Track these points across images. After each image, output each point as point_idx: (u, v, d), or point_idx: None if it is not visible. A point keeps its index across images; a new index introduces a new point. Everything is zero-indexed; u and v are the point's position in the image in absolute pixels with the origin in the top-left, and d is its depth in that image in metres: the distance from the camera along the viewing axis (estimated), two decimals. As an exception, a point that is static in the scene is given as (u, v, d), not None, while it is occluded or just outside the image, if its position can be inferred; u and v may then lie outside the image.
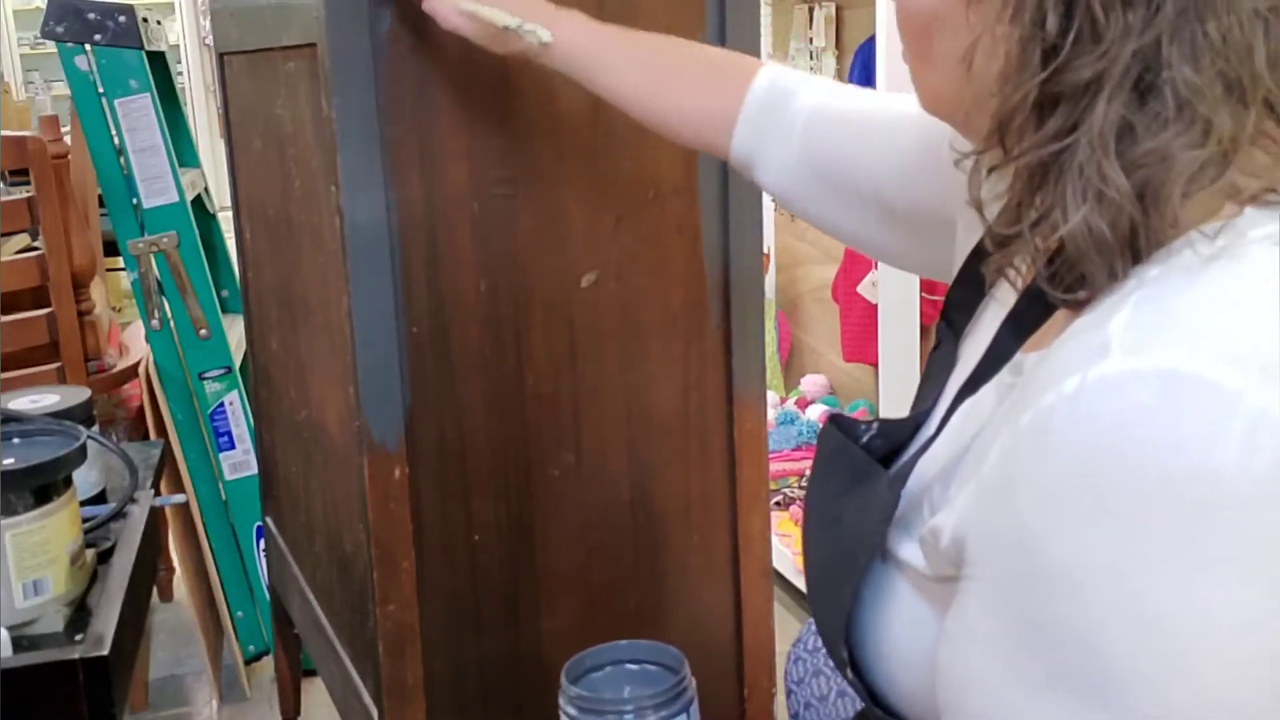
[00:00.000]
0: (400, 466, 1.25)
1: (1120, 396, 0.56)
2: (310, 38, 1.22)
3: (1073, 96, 0.61)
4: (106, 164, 2.14)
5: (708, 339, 1.37)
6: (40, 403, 1.37)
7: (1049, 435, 0.58)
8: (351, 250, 1.19)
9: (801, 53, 3.01)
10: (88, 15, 2.07)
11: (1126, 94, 0.59)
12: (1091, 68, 0.60)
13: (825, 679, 1.16)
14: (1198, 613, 0.55)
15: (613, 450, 1.36)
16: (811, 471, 0.84)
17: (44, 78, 8.26)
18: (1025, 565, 0.59)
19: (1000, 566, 0.61)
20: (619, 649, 0.95)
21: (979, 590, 0.63)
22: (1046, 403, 0.58)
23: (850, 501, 0.77)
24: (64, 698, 1.04)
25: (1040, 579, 0.58)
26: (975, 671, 0.63)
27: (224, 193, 1.95)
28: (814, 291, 3.15)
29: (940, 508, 0.70)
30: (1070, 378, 0.58)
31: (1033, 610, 0.59)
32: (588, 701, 0.87)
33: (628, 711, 0.86)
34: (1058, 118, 0.61)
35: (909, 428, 0.79)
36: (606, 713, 0.86)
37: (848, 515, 0.76)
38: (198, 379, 2.19)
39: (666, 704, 0.87)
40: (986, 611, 0.62)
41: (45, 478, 1.09)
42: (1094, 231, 0.61)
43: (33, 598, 1.09)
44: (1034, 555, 0.58)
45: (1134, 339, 0.58)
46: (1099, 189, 0.60)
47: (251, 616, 2.29)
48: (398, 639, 1.28)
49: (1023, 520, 0.59)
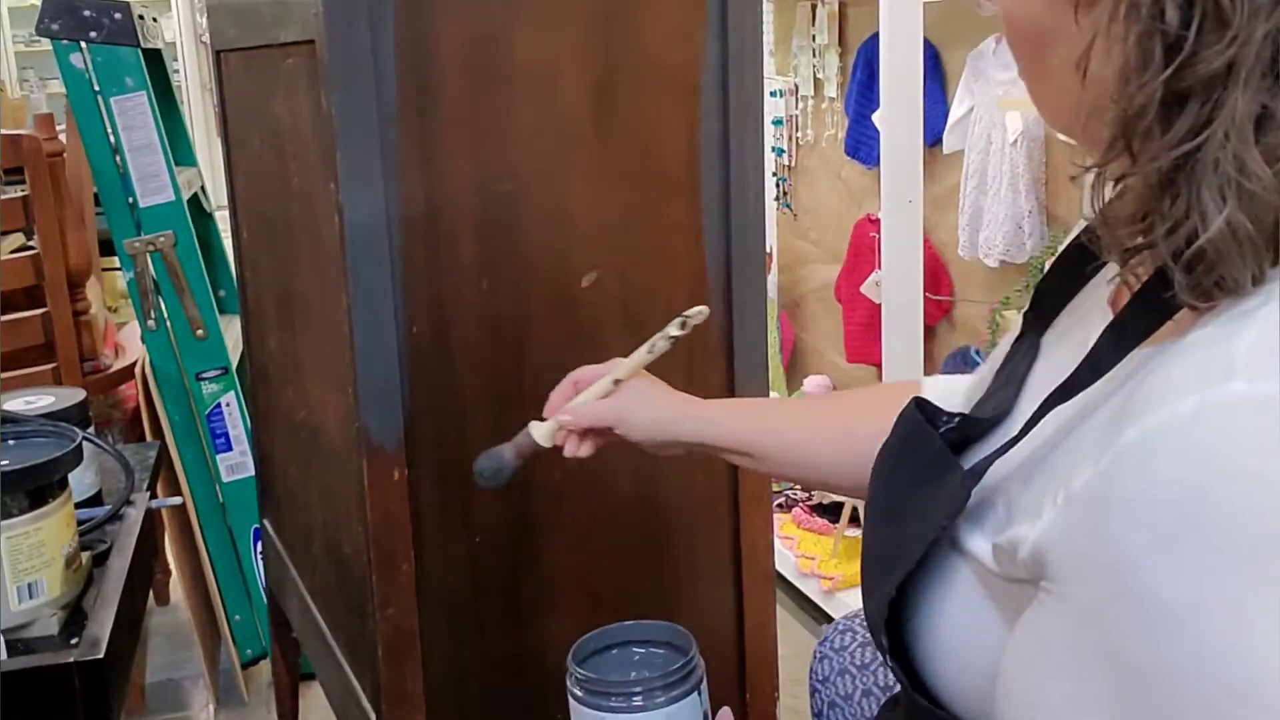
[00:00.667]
0: (400, 468, 1.24)
1: (1239, 426, 0.53)
2: (309, 34, 1.20)
3: (1203, 90, 0.57)
4: (102, 162, 2.13)
5: (709, 339, 1.36)
6: (35, 404, 1.36)
7: (1157, 458, 0.55)
8: (351, 249, 1.18)
9: (804, 50, 3.00)
10: (83, 12, 2.06)
11: (1259, 80, 0.56)
12: (1221, 56, 0.56)
13: (851, 678, 1.15)
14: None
15: (614, 451, 1.34)
16: (884, 448, 0.81)
17: (39, 75, 8.26)
18: (1113, 590, 0.57)
19: (1085, 587, 0.59)
20: (626, 629, 0.93)
21: (1059, 610, 0.61)
22: (1157, 422, 0.56)
23: (920, 490, 0.74)
24: (59, 702, 1.03)
25: (1127, 606, 0.56)
26: (1045, 691, 0.61)
27: (221, 192, 1.94)
28: (817, 291, 3.14)
29: (1019, 511, 0.67)
30: (1186, 398, 0.55)
31: (1114, 637, 0.57)
32: (595, 684, 0.86)
33: (636, 693, 0.84)
34: (1188, 115, 0.58)
35: (988, 423, 0.76)
36: (614, 694, 0.85)
37: (916, 503, 0.74)
38: (194, 380, 2.18)
39: (675, 684, 0.85)
40: (1064, 631, 0.60)
41: (40, 480, 1.08)
42: (1238, 232, 0.57)
43: (27, 601, 1.08)
44: (1124, 581, 0.56)
45: (1259, 364, 0.55)
46: (1239, 183, 0.57)
47: (249, 620, 2.28)
48: (397, 643, 1.27)
49: (1117, 543, 0.56)
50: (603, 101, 1.27)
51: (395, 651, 1.27)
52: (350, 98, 1.16)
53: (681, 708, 0.85)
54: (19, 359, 2.14)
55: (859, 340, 2.85)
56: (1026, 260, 2.35)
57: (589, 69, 1.25)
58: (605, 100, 1.27)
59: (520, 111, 1.24)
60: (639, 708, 0.84)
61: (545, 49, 1.23)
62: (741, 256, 1.35)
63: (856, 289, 2.81)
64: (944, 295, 2.68)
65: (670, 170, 1.31)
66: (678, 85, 1.29)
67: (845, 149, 2.91)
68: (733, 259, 1.35)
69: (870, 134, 2.73)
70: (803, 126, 3.10)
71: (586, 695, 0.86)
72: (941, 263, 2.67)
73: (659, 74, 1.28)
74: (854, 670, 1.15)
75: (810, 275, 3.15)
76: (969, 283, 2.63)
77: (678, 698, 0.85)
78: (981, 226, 2.43)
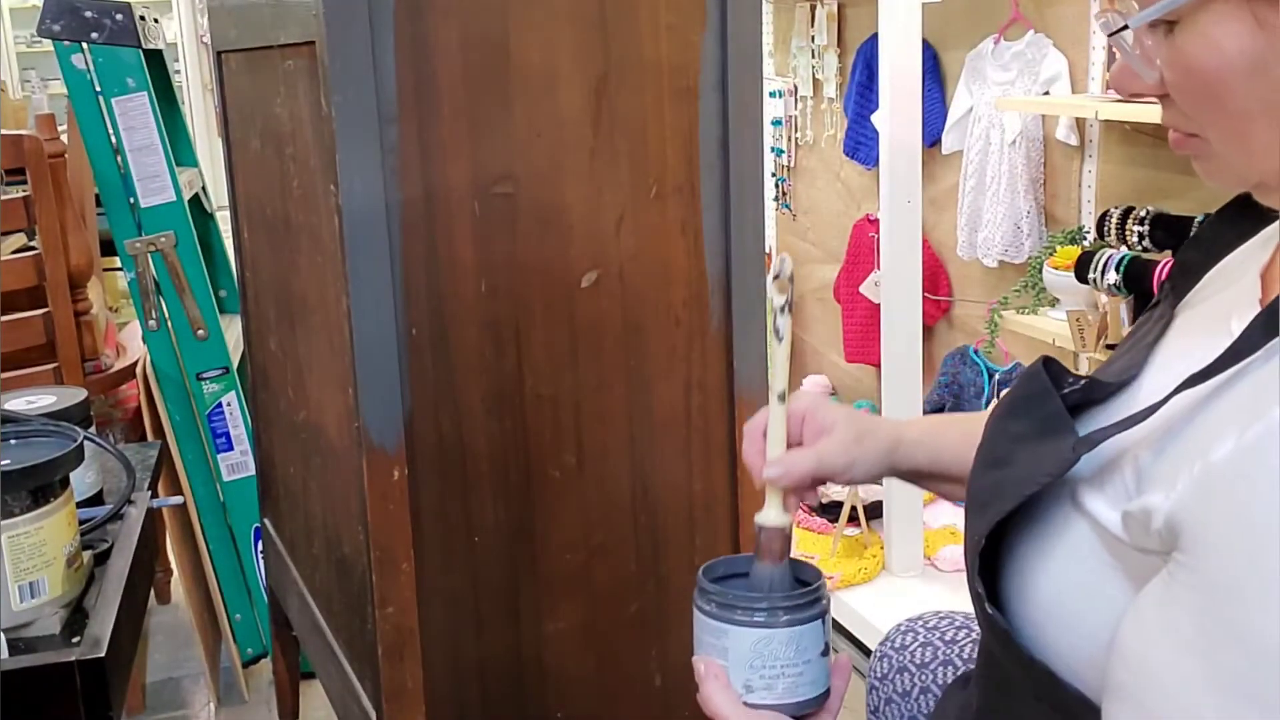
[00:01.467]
0: (399, 468, 1.24)
1: None
2: (309, 35, 1.21)
3: None
4: (103, 163, 2.13)
5: (709, 339, 1.36)
6: (37, 403, 1.37)
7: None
8: (350, 250, 1.19)
9: (803, 51, 3.01)
10: (85, 13, 2.06)
11: None
12: None
13: (909, 675, 1.15)
14: None
15: (613, 451, 1.35)
16: (1003, 400, 0.80)
17: (40, 76, 8.25)
18: (1247, 568, 0.56)
19: (1219, 563, 0.58)
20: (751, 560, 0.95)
21: (1190, 582, 0.60)
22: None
23: (1027, 449, 0.73)
24: (61, 700, 1.03)
25: (1260, 585, 0.55)
26: (1167, 666, 0.60)
27: (222, 192, 1.94)
28: (816, 291, 3.15)
29: (1151, 480, 0.66)
30: None
31: (1242, 618, 0.56)
32: (729, 597, 0.89)
33: (760, 609, 0.87)
34: None
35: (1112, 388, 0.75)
36: (739, 607, 0.88)
37: (1020, 460, 0.73)
38: (195, 379, 2.19)
39: (799, 609, 0.88)
40: (1191, 607, 0.59)
41: (42, 479, 1.08)
42: None
43: (29, 600, 1.08)
44: (1259, 560, 0.56)
45: None
46: None
47: (249, 619, 2.28)
48: (397, 641, 1.27)
49: (1257, 524, 0.56)
50: (602, 102, 1.27)
51: (395, 650, 1.27)
52: (350, 99, 1.16)
53: (803, 631, 0.88)
54: (20, 359, 2.14)
55: (858, 340, 2.86)
56: (1025, 260, 2.36)
57: (588, 70, 1.26)
58: (605, 101, 1.27)
59: (520, 112, 1.24)
60: (761, 623, 0.87)
61: (544, 50, 1.24)
62: (741, 256, 1.35)
63: (855, 289, 2.81)
64: (943, 295, 2.68)
65: (670, 170, 1.31)
66: (677, 86, 1.30)
67: (844, 149, 2.91)
68: (732, 259, 1.35)
69: (869, 134, 2.74)
70: (802, 127, 3.10)
71: (716, 609, 0.89)
72: (940, 263, 2.67)
73: (658, 74, 1.29)
74: (912, 669, 1.15)
75: (809, 275, 3.15)
76: (967, 283, 2.63)
77: (799, 621, 0.87)
78: (980, 226, 2.43)
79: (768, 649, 0.87)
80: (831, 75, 2.91)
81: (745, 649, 0.87)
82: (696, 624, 0.91)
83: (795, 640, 0.87)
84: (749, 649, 0.87)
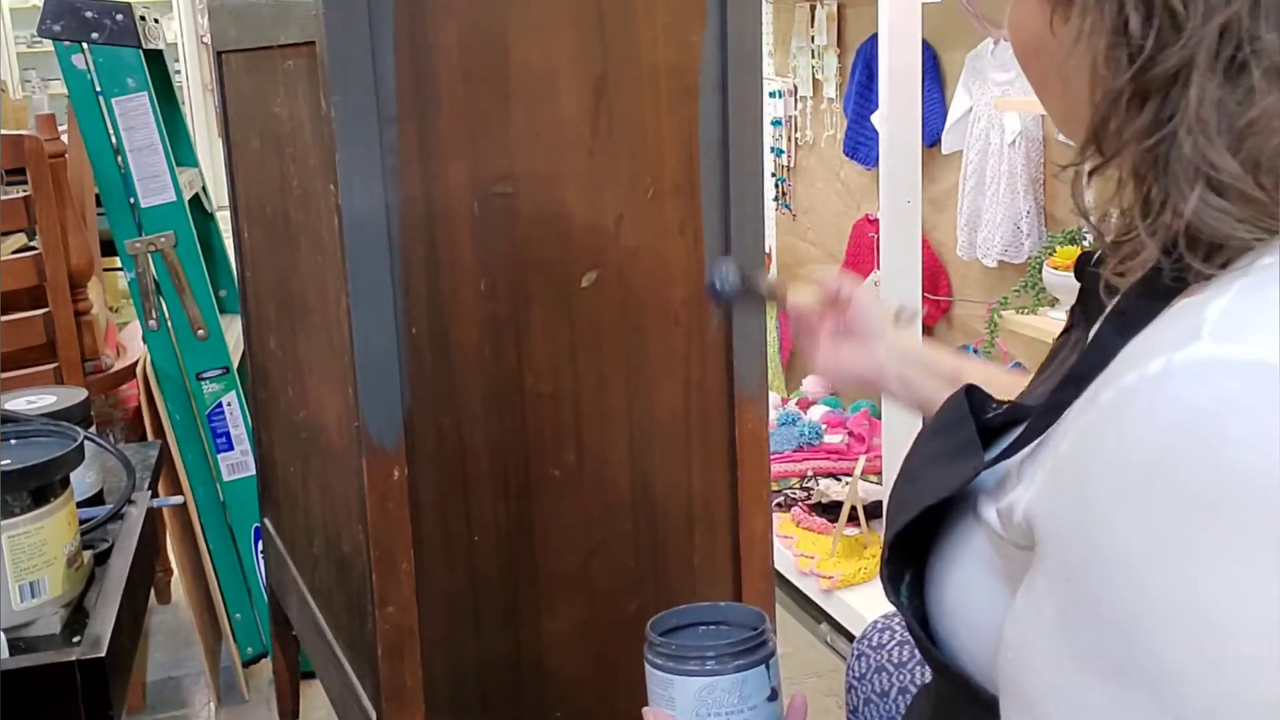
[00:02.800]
0: (399, 467, 1.24)
1: (1203, 384, 0.55)
2: (309, 36, 1.21)
3: (1161, 88, 0.61)
4: (104, 163, 2.14)
5: (709, 339, 1.37)
6: (37, 403, 1.37)
7: (1126, 416, 0.57)
8: (350, 250, 1.19)
9: (803, 51, 3.01)
10: (85, 13, 2.06)
11: (1218, 75, 0.59)
12: (1177, 56, 0.60)
13: (887, 675, 1.16)
14: (1255, 614, 0.54)
15: (613, 451, 1.35)
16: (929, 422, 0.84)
17: (41, 76, 8.25)
18: (1088, 547, 0.58)
19: (1065, 546, 0.61)
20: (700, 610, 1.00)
21: (1045, 569, 0.62)
22: (1129, 382, 0.58)
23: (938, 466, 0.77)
24: (61, 700, 1.04)
25: (1101, 562, 0.58)
26: (1034, 650, 0.62)
27: (222, 192, 1.94)
28: (814, 291, 3.14)
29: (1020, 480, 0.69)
30: (1156, 359, 0.57)
31: (1092, 594, 0.59)
32: (673, 649, 0.92)
33: (710, 657, 0.91)
34: (1149, 111, 0.61)
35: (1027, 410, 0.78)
36: (690, 658, 0.91)
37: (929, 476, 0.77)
38: (195, 379, 2.19)
39: (742, 654, 0.91)
40: (1050, 591, 0.62)
41: (42, 479, 1.08)
42: (1217, 210, 0.60)
43: (29, 600, 1.08)
44: (1097, 538, 0.58)
45: (1228, 326, 0.56)
46: (1208, 174, 0.59)
47: (250, 618, 2.28)
48: (396, 641, 1.27)
49: (1089, 502, 0.58)
50: (602, 102, 1.27)
51: (395, 649, 1.27)
52: (349, 99, 1.16)
53: (747, 677, 0.91)
54: (21, 359, 2.14)
55: (858, 340, 2.85)
56: (1025, 260, 2.36)
57: (588, 70, 1.26)
58: (604, 101, 1.27)
59: (519, 112, 1.24)
60: (704, 671, 0.90)
61: (544, 50, 1.24)
62: (741, 256, 1.35)
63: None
64: (942, 295, 2.68)
65: (669, 170, 1.31)
66: (676, 86, 1.30)
67: (844, 149, 2.91)
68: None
69: (869, 134, 2.74)
70: (801, 127, 3.10)
71: (664, 661, 0.92)
72: (940, 263, 2.67)
73: (658, 75, 1.29)
74: (890, 668, 1.16)
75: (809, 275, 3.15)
76: (967, 283, 2.63)
77: (744, 667, 0.90)
78: (980, 226, 2.43)
79: (711, 696, 0.90)
80: (831, 75, 2.91)
81: (690, 697, 0.90)
82: (647, 676, 0.94)
83: (739, 686, 0.90)
84: (694, 697, 0.90)
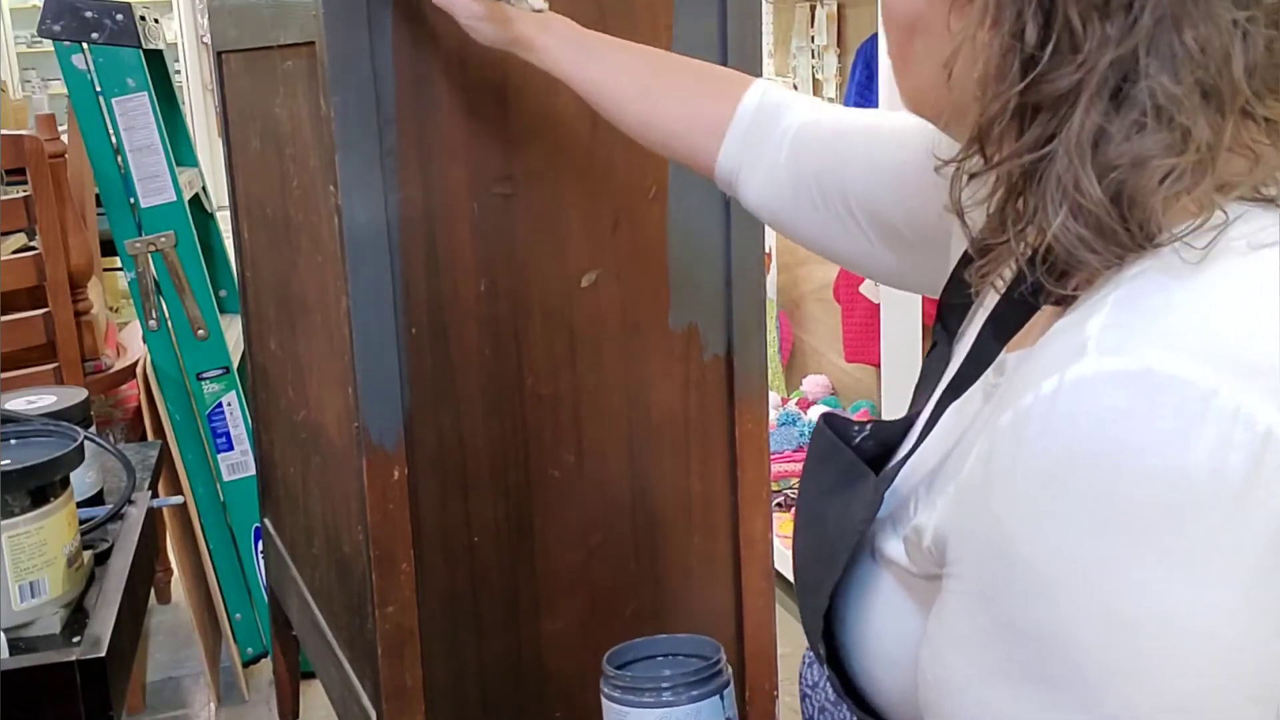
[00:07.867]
0: (399, 467, 1.24)
1: (1095, 398, 0.56)
2: (309, 36, 1.21)
3: (1051, 106, 0.61)
4: (104, 163, 2.14)
5: (709, 339, 1.36)
6: (37, 403, 1.37)
7: (1024, 436, 0.59)
8: (350, 250, 1.19)
9: (803, 51, 3.01)
10: (85, 13, 2.06)
11: (1104, 103, 0.60)
12: (1069, 78, 0.60)
13: None
14: (1165, 614, 0.55)
15: (613, 451, 1.35)
16: (804, 469, 0.85)
17: (41, 76, 8.25)
18: (999, 564, 0.60)
19: (976, 565, 0.62)
20: (657, 643, 1.02)
21: (957, 589, 0.64)
22: (1025, 404, 0.59)
23: (835, 501, 0.77)
24: (61, 700, 1.03)
25: (1013, 578, 0.59)
26: (953, 669, 0.63)
27: (222, 192, 1.94)
28: (816, 291, 3.14)
29: (924, 507, 0.70)
30: (1048, 379, 0.58)
31: (1006, 608, 0.60)
32: (628, 681, 0.94)
33: (665, 688, 0.93)
34: (1036, 127, 0.62)
35: (901, 429, 0.80)
36: (645, 690, 0.93)
37: (832, 514, 0.77)
38: (195, 379, 2.19)
39: (696, 685, 0.93)
40: (964, 610, 0.63)
41: (42, 479, 1.08)
42: (1075, 234, 0.61)
43: (29, 600, 1.08)
44: (1006, 554, 0.59)
45: (1110, 340, 0.58)
46: (1075, 199, 0.61)
47: (250, 618, 2.28)
48: (396, 641, 1.27)
49: (997, 520, 0.60)
50: (601, 103, 1.27)
51: (395, 649, 1.27)
52: (349, 100, 1.16)
53: (701, 708, 0.93)
54: (21, 359, 2.14)
55: (858, 340, 2.85)
56: (1025, 260, 2.36)
57: (587, 70, 1.26)
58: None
59: (519, 112, 1.24)
60: (659, 703, 0.92)
61: (544, 51, 1.24)
62: (741, 256, 1.35)
63: (855, 289, 2.81)
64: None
65: (668, 170, 1.31)
66: (676, 86, 1.30)
67: (844, 149, 2.91)
68: (732, 259, 1.35)
69: (869, 134, 2.73)
70: (802, 127, 3.10)
71: (621, 694, 0.94)
72: (940, 263, 2.67)
73: (657, 75, 1.29)
74: None
75: (809, 275, 3.15)
76: (968, 282, 2.63)
77: (698, 698, 0.92)
78: (980, 226, 2.43)
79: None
80: (831, 75, 2.91)
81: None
82: (603, 709, 0.96)
83: (694, 717, 0.92)
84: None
